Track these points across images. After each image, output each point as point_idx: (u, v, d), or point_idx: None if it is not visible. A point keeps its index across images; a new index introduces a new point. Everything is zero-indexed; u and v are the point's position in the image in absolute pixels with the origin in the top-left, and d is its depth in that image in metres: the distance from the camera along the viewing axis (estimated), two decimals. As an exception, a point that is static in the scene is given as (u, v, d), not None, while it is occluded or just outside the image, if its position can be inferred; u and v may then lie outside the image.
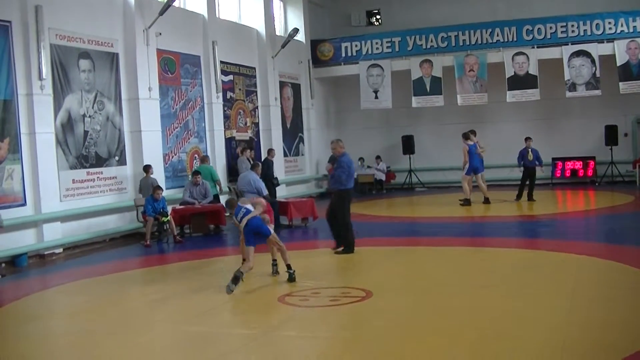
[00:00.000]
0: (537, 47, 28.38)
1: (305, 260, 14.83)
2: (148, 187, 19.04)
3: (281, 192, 25.21)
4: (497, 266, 12.93)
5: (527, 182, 23.73)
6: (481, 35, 29.21)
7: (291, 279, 11.94)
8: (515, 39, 28.67)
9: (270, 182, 23.72)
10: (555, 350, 7.64)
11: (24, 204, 16.55)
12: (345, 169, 15.07)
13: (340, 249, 15.08)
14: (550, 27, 28.13)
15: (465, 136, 24.00)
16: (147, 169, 19.66)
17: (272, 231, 12.30)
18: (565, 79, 27.79)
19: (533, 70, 28.20)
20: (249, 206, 12.17)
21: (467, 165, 23.29)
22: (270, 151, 24.59)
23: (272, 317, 10.29)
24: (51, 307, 12.09)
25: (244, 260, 12.25)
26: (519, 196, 23.84)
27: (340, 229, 15.26)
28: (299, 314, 10.18)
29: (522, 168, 23.76)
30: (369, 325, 9.32)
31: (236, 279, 11.31)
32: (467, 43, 29.39)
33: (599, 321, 8.84)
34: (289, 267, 12.13)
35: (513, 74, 28.45)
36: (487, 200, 23.49)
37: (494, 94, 28.78)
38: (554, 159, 29.72)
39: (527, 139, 23.93)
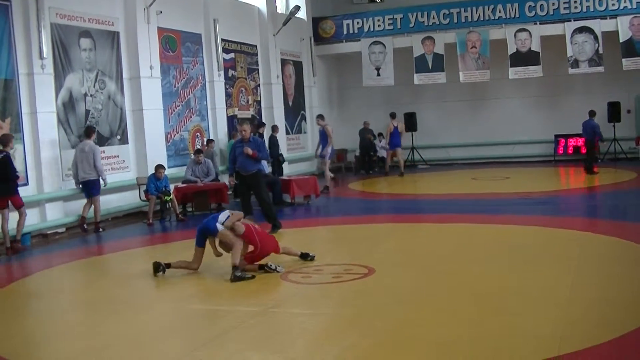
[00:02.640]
0: (540, 24, 28.30)
1: (307, 238, 14.88)
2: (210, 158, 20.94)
3: (283, 170, 25.22)
4: (500, 243, 12.92)
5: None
6: (483, 11, 29.12)
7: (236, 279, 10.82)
8: (517, 16, 28.58)
9: (277, 159, 23.84)
10: (557, 327, 7.63)
11: (26, 184, 16.52)
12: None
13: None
14: (553, 4, 28.03)
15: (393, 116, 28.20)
16: (209, 142, 22.21)
17: (221, 228, 11.27)
18: (568, 56, 27.73)
19: (535, 46, 28.11)
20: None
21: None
22: (275, 128, 24.71)
23: (274, 294, 10.29)
24: (55, 285, 12.11)
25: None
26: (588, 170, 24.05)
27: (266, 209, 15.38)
28: (302, 291, 10.19)
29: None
30: (372, 301, 9.32)
31: (155, 269, 11.34)
32: (469, 20, 29.31)
33: (601, 298, 8.84)
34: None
35: (515, 50, 28.38)
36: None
37: (497, 70, 28.71)
38: (556, 136, 29.66)
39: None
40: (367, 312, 8.80)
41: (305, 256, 11.89)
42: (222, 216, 11.38)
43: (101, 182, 17.55)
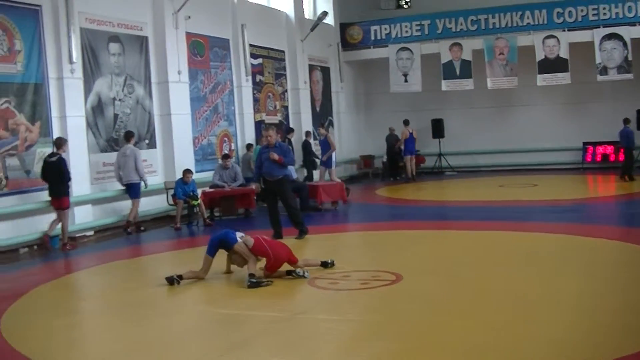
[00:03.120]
0: (568, 30, 28.10)
1: (334, 243, 14.86)
2: (247, 162, 21.73)
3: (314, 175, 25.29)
4: (527, 250, 12.82)
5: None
6: (511, 18, 28.98)
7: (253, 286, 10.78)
8: (545, 22, 28.41)
9: (311, 163, 24.26)
10: (585, 335, 7.59)
11: (55, 187, 16.64)
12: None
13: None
14: (582, 10, 27.85)
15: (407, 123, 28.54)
16: (249, 147, 22.68)
17: (240, 241, 11.30)
18: (597, 63, 27.52)
19: (564, 53, 27.94)
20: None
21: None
22: (308, 133, 25.33)
23: (301, 300, 10.30)
24: (82, 289, 12.19)
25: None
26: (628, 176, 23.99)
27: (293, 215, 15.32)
28: (329, 297, 10.17)
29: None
30: (399, 308, 9.29)
31: (170, 282, 11.22)
32: (497, 26, 29.18)
33: (629, 306, 8.76)
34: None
35: (543, 57, 28.22)
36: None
37: (524, 77, 28.57)
38: (584, 144, 29.43)
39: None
40: (394, 319, 8.76)
41: (325, 264, 11.76)
42: (238, 234, 11.44)
43: (142, 184, 17.95)
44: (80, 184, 17.18)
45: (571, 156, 29.76)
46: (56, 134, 16.67)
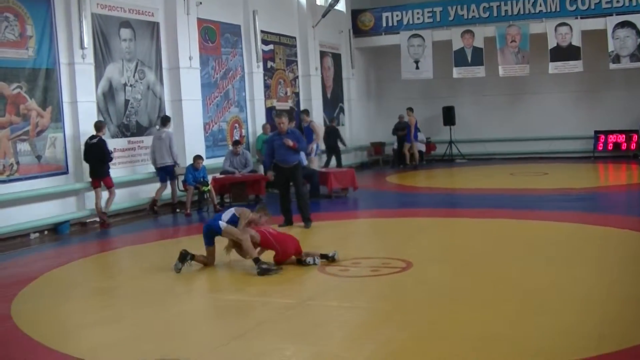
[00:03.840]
0: (581, 18, 27.88)
1: (345, 230, 14.85)
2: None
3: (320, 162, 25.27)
4: (538, 239, 12.80)
5: None
6: (523, 5, 28.78)
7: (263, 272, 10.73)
8: (558, 10, 28.21)
9: (334, 149, 24.43)
10: (595, 325, 7.55)
11: (66, 172, 16.73)
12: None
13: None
14: (595, -3, 27.75)
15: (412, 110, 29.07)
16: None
17: (224, 226, 11.24)
18: (609, 51, 27.34)
19: (576, 41, 27.79)
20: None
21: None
22: (332, 119, 26.04)
23: (311, 286, 10.28)
24: (91, 274, 12.22)
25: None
26: None
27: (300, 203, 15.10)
28: (339, 284, 10.15)
29: None
30: (410, 296, 9.30)
31: (183, 257, 11.25)
32: (510, 13, 29.00)
33: (638, 296, 8.74)
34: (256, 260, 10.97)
35: (556, 45, 28.06)
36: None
37: (536, 65, 28.42)
38: (596, 132, 29.28)
39: None
40: (404, 306, 8.76)
41: (326, 257, 11.42)
42: (226, 215, 11.39)
43: (175, 167, 18.59)
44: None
45: (582, 145, 29.64)
46: (67, 119, 16.74)
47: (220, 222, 11.26)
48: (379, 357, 7.10)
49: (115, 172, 17.85)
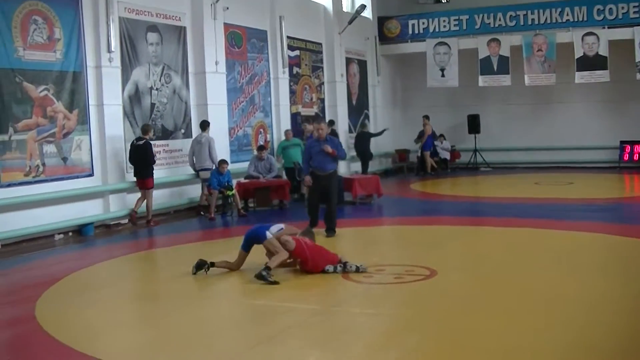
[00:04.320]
0: (608, 28, 27.73)
1: (369, 237, 14.81)
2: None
3: (344, 169, 25.26)
4: (563, 249, 12.70)
5: None
6: (550, 14, 28.68)
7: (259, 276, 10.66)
8: (585, 19, 28.08)
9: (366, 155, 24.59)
10: (619, 339, 7.50)
11: (92, 175, 16.78)
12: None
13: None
14: (622, 7, 27.47)
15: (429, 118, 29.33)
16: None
17: (270, 237, 11.20)
18: (636, 61, 27.14)
19: (603, 51, 27.63)
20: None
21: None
22: (363, 125, 27.05)
23: (335, 293, 10.26)
24: (116, 276, 12.21)
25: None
26: None
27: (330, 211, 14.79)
28: (363, 291, 10.13)
29: None
30: (434, 304, 9.25)
31: (199, 266, 11.27)
32: (536, 22, 28.90)
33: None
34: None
35: (582, 54, 27.91)
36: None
37: (562, 74, 28.28)
38: (622, 142, 29.11)
39: None
40: (428, 315, 8.72)
41: (345, 266, 11.19)
42: (274, 227, 11.36)
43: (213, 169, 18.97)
44: (116, 172, 17.28)
45: (608, 155, 29.46)
46: (93, 122, 16.82)
47: (267, 232, 11.22)
48: (403, 364, 7.09)
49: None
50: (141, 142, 17.27)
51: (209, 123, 19.57)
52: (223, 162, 18.52)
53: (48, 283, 11.12)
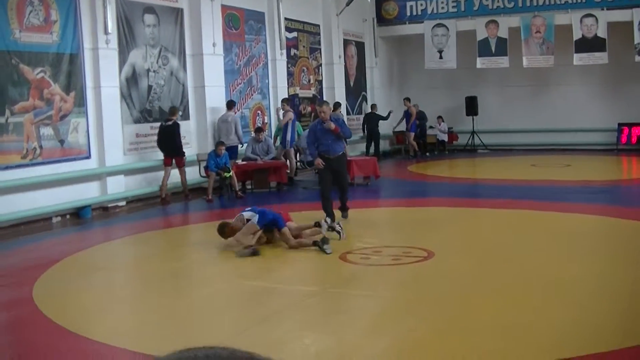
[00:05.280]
0: (607, 9, 27.61)
1: (367, 219, 14.81)
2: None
3: (352, 151, 25.25)
4: (561, 231, 12.71)
5: None
6: (549, -5, 28.62)
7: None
8: (584, 1, 27.91)
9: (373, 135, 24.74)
10: (620, 320, 7.51)
11: (89, 157, 16.75)
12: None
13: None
14: (622, -12, 27.48)
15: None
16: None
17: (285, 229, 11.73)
18: (635, 43, 27.05)
19: (602, 33, 27.53)
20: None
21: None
22: (373, 106, 27.66)
23: (332, 274, 10.28)
24: (113, 258, 12.25)
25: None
26: None
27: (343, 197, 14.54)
28: (360, 272, 10.16)
29: None
30: (431, 285, 9.27)
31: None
32: (535, 4, 28.73)
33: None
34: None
35: (581, 36, 27.81)
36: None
37: (561, 56, 28.19)
38: (620, 125, 29.06)
39: None
40: (426, 296, 8.75)
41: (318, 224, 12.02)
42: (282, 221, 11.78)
43: (239, 146, 20.08)
44: (113, 155, 17.24)
45: (606, 137, 29.40)
46: (90, 104, 16.77)
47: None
48: (399, 346, 7.10)
49: (138, 157, 17.96)
50: (169, 123, 17.97)
51: (234, 102, 20.45)
52: (220, 143, 18.50)
53: (46, 265, 11.12)
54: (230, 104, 20.19)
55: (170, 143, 17.97)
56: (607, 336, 7.00)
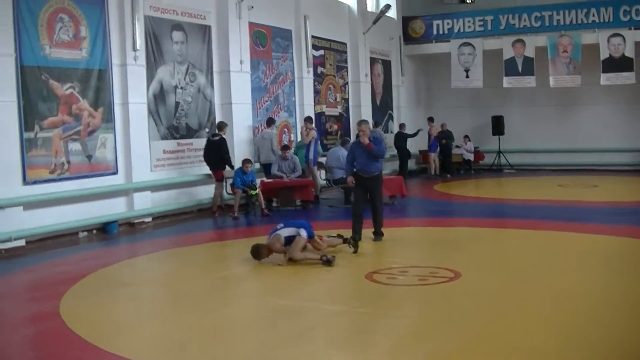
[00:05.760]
0: (634, 29, 27.54)
1: (393, 238, 14.75)
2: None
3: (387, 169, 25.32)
4: (589, 252, 12.60)
5: None
6: (576, 15, 28.52)
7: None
8: (611, 20, 27.90)
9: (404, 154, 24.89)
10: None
11: (116, 173, 16.83)
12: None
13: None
14: (649, 8, 27.36)
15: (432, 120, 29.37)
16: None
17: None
18: (663, 63, 27.04)
19: (629, 52, 27.44)
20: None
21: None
22: (402, 125, 27.86)
23: (359, 294, 10.24)
24: (140, 274, 12.28)
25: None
26: None
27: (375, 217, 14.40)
28: (387, 292, 10.10)
29: None
30: (458, 306, 9.20)
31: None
32: (561, 23, 28.76)
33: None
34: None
35: (608, 56, 27.73)
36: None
37: (588, 76, 28.12)
38: (646, 145, 28.99)
39: None
40: (452, 317, 8.68)
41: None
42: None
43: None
44: (140, 171, 17.31)
45: (633, 157, 29.24)
46: (118, 120, 16.87)
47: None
48: (427, 367, 7.07)
49: (165, 173, 18.02)
50: (216, 138, 18.68)
51: (274, 120, 21.16)
52: (247, 161, 18.51)
53: (73, 280, 11.18)
54: (270, 122, 20.82)
55: (216, 157, 18.60)
56: (635, 356, 6.93)
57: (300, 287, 10.50)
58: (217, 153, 18.62)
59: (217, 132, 18.89)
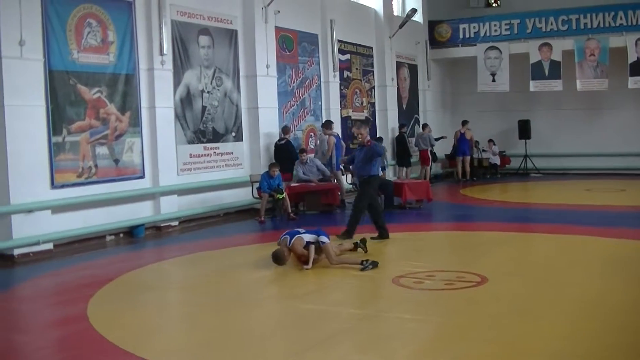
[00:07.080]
0: (663, 32, 27.42)
1: (419, 242, 14.74)
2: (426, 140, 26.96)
3: (394, 173, 25.30)
4: (617, 257, 12.49)
5: None
6: (603, 18, 28.34)
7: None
8: (639, 23, 27.73)
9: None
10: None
11: (143, 177, 16.91)
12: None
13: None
14: (678, 11, 27.17)
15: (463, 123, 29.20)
16: (424, 126, 27.60)
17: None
18: (692, 66, 26.83)
19: (657, 55, 27.30)
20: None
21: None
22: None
23: (385, 298, 10.26)
24: (166, 278, 12.32)
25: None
26: None
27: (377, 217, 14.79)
28: (413, 297, 10.08)
29: None
30: (484, 311, 9.16)
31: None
32: (589, 26, 28.58)
33: None
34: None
35: (636, 59, 27.54)
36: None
37: (615, 79, 27.94)
38: (674, 150, 28.76)
39: None
40: (479, 322, 8.65)
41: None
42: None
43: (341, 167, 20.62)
44: (166, 175, 17.38)
45: None
46: (145, 124, 16.95)
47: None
48: (453, 372, 7.05)
49: (192, 177, 18.08)
50: (283, 142, 19.97)
51: (331, 122, 21.67)
52: (274, 165, 18.51)
53: (100, 283, 11.24)
54: (328, 124, 21.40)
55: (286, 159, 19.52)
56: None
57: (326, 291, 10.50)
58: (286, 155, 19.69)
59: (282, 135, 20.07)
